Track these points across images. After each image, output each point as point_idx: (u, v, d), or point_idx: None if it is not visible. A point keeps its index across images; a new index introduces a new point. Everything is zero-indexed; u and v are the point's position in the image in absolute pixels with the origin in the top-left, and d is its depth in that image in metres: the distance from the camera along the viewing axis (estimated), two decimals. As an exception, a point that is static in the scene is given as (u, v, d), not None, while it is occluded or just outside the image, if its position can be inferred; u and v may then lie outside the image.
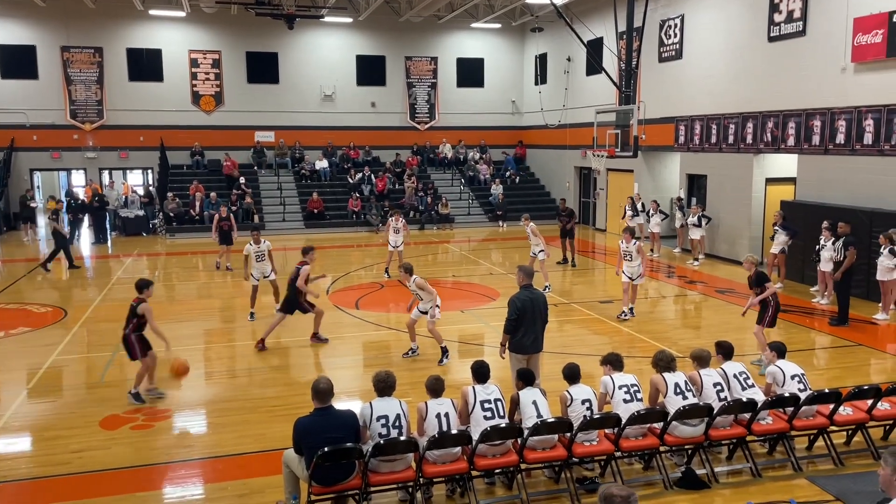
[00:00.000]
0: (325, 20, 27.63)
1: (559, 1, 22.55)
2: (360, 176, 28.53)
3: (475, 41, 31.18)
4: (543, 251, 15.25)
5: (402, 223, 16.96)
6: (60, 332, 12.42)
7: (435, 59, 30.80)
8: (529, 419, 6.47)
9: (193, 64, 28.08)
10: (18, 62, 26.15)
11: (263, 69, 28.79)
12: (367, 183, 28.31)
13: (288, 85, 29.14)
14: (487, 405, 6.45)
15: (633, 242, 12.90)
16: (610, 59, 21.98)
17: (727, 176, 19.19)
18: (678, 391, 6.83)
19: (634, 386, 6.90)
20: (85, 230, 25.11)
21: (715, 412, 6.74)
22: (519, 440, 6.38)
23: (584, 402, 6.69)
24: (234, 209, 25.28)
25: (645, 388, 7.09)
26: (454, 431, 6.21)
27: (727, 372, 7.29)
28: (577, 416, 6.59)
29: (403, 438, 6.03)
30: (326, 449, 5.67)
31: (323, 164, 28.98)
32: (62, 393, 9.61)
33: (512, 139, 32.17)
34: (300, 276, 10.98)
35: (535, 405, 6.56)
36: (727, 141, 19.03)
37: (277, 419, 8.25)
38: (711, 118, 19.61)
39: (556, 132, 28.49)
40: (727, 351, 7.55)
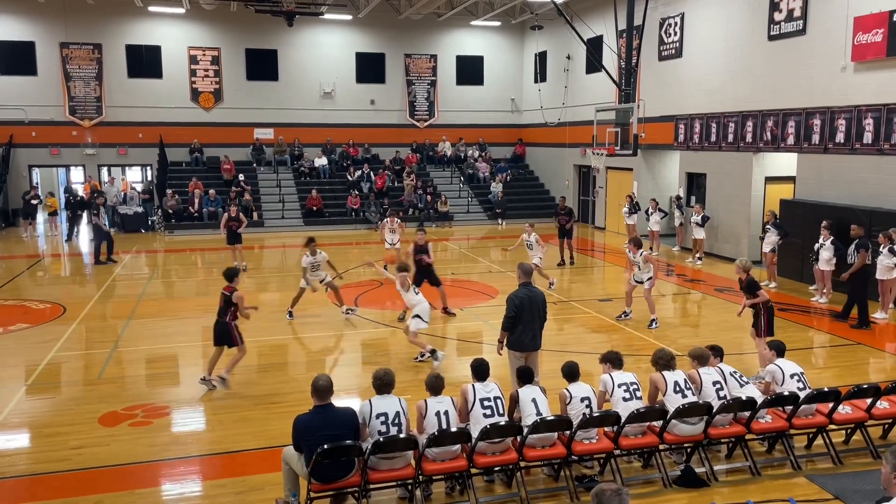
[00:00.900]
0: (324, 17, 27.58)
1: (559, -1, 22.54)
2: (359, 173, 28.52)
3: (475, 39, 31.15)
4: (541, 258, 15.02)
5: (397, 223, 16.76)
6: (59, 328, 12.40)
7: (434, 56, 30.77)
8: (529, 417, 6.48)
9: (193, 61, 28.03)
10: (17, 58, 26.08)
11: (263, 66, 28.74)
12: (366, 180, 28.29)
13: (287, 82, 29.10)
14: (487, 403, 6.46)
15: (639, 253, 12.50)
16: (610, 57, 21.98)
17: (727, 174, 19.19)
18: (677, 389, 6.83)
19: (634, 384, 6.91)
20: (83, 227, 25.09)
21: (714, 410, 6.74)
22: (518, 438, 6.39)
23: (583, 399, 6.69)
24: (230, 200, 25.32)
25: (644, 386, 7.10)
26: (454, 429, 6.21)
27: (724, 370, 7.32)
28: (576, 414, 6.60)
29: (403, 436, 6.03)
30: (326, 446, 5.67)
31: (322, 161, 28.95)
32: (61, 389, 9.60)
33: (511, 137, 32.16)
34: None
35: (534, 403, 6.56)
36: (727, 139, 19.03)
37: (277, 416, 8.25)
38: (711, 117, 19.61)
39: (555, 130, 28.48)
40: (717, 353, 7.66)
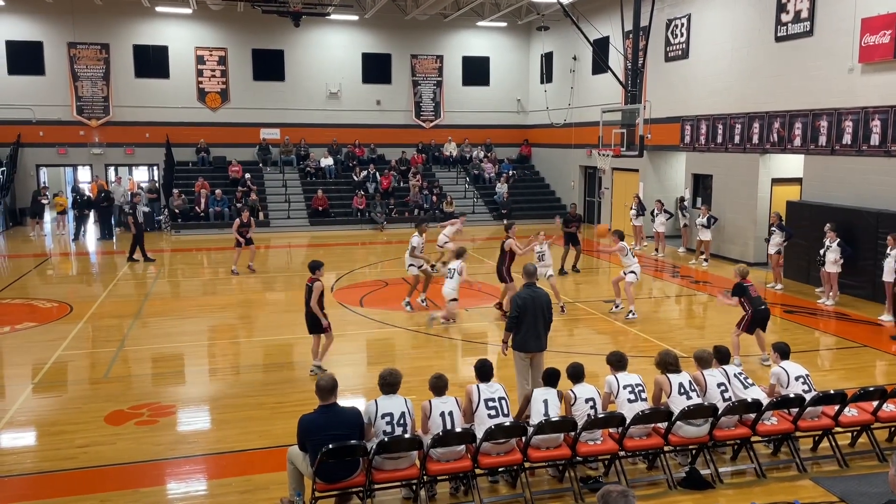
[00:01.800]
0: (331, 18, 27.63)
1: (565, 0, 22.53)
2: (364, 174, 28.55)
3: (481, 40, 31.14)
4: (551, 270, 14.20)
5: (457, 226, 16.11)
6: (66, 327, 12.44)
7: (440, 57, 30.77)
8: (536, 417, 6.49)
9: (199, 61, 28.11)
10: (25, 58, 26.20)
11: (269, 66, 28.80)
12: (371, 181, 28.32)
13: (294, 82, 29.16)
14: (491, 403, 6.46)
15: (618, 245, 13.04)
16: (616, 58, 21.94)
17: (733, 176, 19.14)
18: (682, 391, 6.82)
19: (639, 385, 6.90)
20: (90, 226, 25.21)
21: (720, 412, 6.73)
22: (523, 439, 6.39)
23: (588, 401, 6.69)
24: (239, 206, 25.36)
25: (649, 387, 7.09)
26: (458, 430, 6.21)
27: (728, 372, 7.30)
28: (581, 415, 6.60)
29: (408, 436, 6.04)
30: (331, 446, 5.68)
31: (328, 161, 29.00)
32: (67, 388, 9.65)
33: (517, 138, 32.14)
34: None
35: (545, 404, 6.57)
36: (733, 141, 18.98)
37: (282, 416, 8.27)
38: (717, 118, 19.57)
39: (561, 131, 28.46)
40: (723, 356, 7.56)
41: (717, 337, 11.58)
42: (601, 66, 22.78)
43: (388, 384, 6.27)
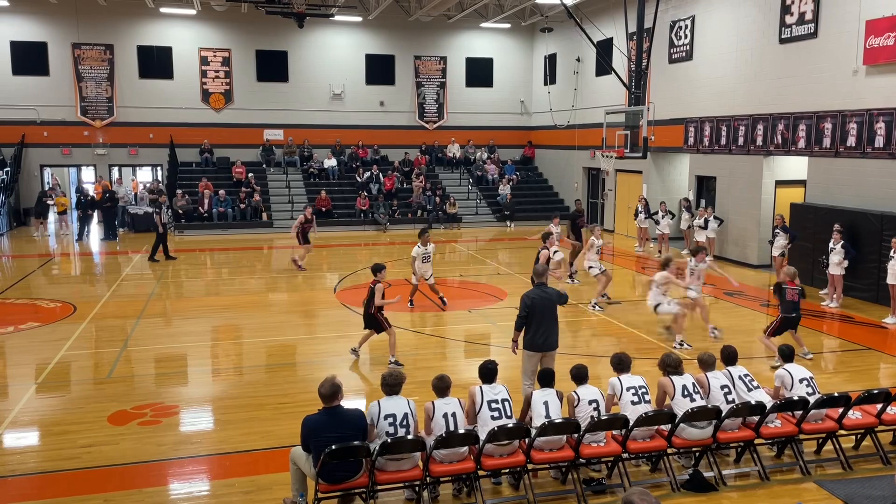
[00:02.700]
0: (334, 19, 27.65)
1: (569, 1, 22.53)
2: (368, 175, 28.56)
3: (484, 41, 31.16)
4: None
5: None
6: (69, 327, 12.46)
7: (444, 58, 30.79)
8: (538, 419, 6.48)
9: (203, 62, 28.15)
10: (30, 58, 26.26)
11: (273, 67, 28.84)
12: (375, 182, 28.34)
13: (297, 83, 29.18)
14: (495, 405, 6.45)
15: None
16: (620, 59, 21.93)
17: (737, 178, 19.11)
18: (686, 393, 6.81)
19: (642, 387, 6.89)
20: (94, 226, 25.24)
21: (723, 415, 6.72)
22: (526, 440, 6.38)
23: (591, 402, 6.69)
24: (242, 207, 25.44)
25: (653, 390, 7.08)
26: (461, 431, 6.21)
27: (732, 374, 7.28)
28: (584, 416, 6.59)
29: (411, 437, 6.04)
30: (334, 447, 5.69)
31: (331, 162, 29.03)
32: (71, 388, 9.65)
33: (521, 139, 32.14)
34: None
35: (545, 405, 6.56)
36: (737, 143, 18.95)
37: (285, 416, 8.28)
38: (721, 120, 19.54)
39: (564, 132, 28.45)
40: (729, 356, 7.47)
41: (721, 339, 11.54)
42: (605, 67, 22.76)
43: (390, 385, 6.28)
